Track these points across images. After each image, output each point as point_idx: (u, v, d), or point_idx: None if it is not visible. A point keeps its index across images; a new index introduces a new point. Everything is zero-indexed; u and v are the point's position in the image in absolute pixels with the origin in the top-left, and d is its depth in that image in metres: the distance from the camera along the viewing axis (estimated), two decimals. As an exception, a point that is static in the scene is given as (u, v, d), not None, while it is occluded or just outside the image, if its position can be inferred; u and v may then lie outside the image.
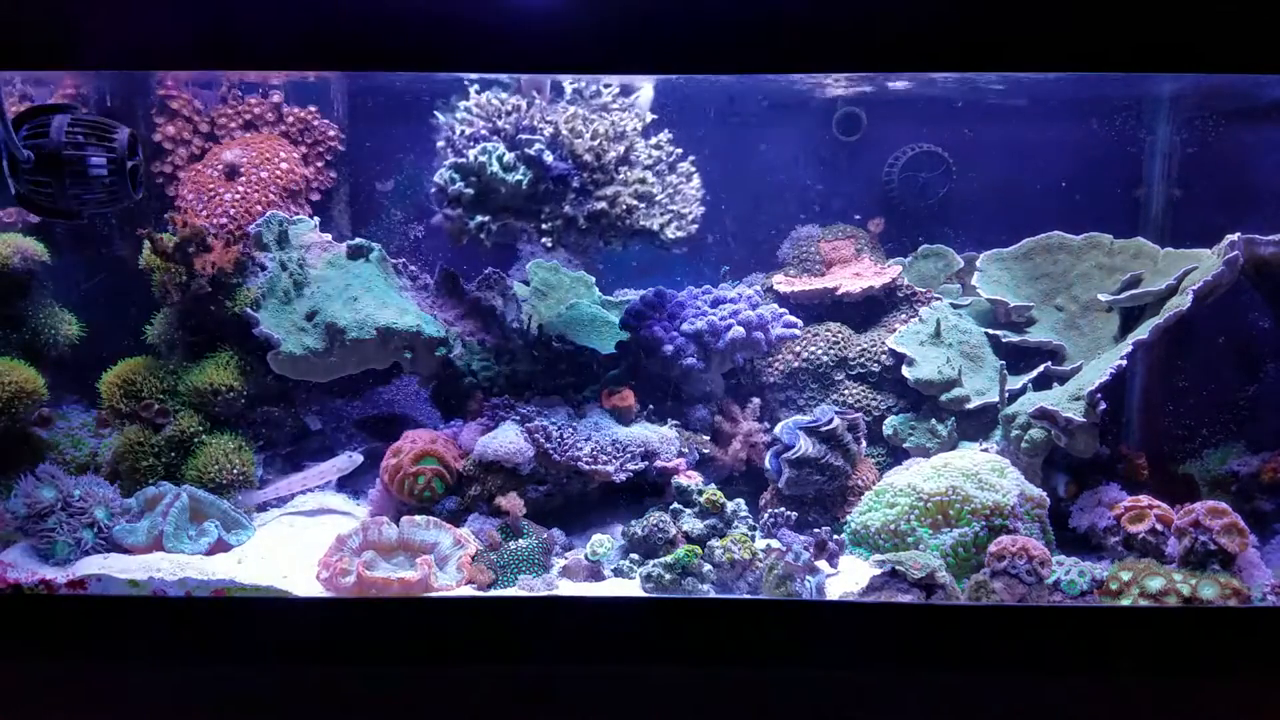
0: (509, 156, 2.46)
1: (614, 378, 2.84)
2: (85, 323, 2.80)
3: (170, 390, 2.66)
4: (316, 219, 2.97)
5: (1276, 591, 2.05)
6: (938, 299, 3.06)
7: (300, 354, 2.65)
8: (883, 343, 2.96)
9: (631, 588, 2.23)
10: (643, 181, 2.51)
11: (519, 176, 2.44)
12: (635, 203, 2.49)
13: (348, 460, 2.67)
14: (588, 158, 2.46)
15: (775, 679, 1.97)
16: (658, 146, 2.63)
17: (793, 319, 2.92)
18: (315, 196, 3.07)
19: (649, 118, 2.63)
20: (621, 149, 2.52)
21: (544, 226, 2.48)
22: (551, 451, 2.48)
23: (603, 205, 2.46)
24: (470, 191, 2.47)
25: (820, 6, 1.77)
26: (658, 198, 2.55)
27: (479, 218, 2.46)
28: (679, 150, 2.66)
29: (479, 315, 2.85)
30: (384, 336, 2.66)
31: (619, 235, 2.51)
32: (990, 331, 2.97)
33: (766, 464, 2.63)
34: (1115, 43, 1.77)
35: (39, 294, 2.75)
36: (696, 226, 2.63)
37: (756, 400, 2.83)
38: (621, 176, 2.49)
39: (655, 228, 2.53)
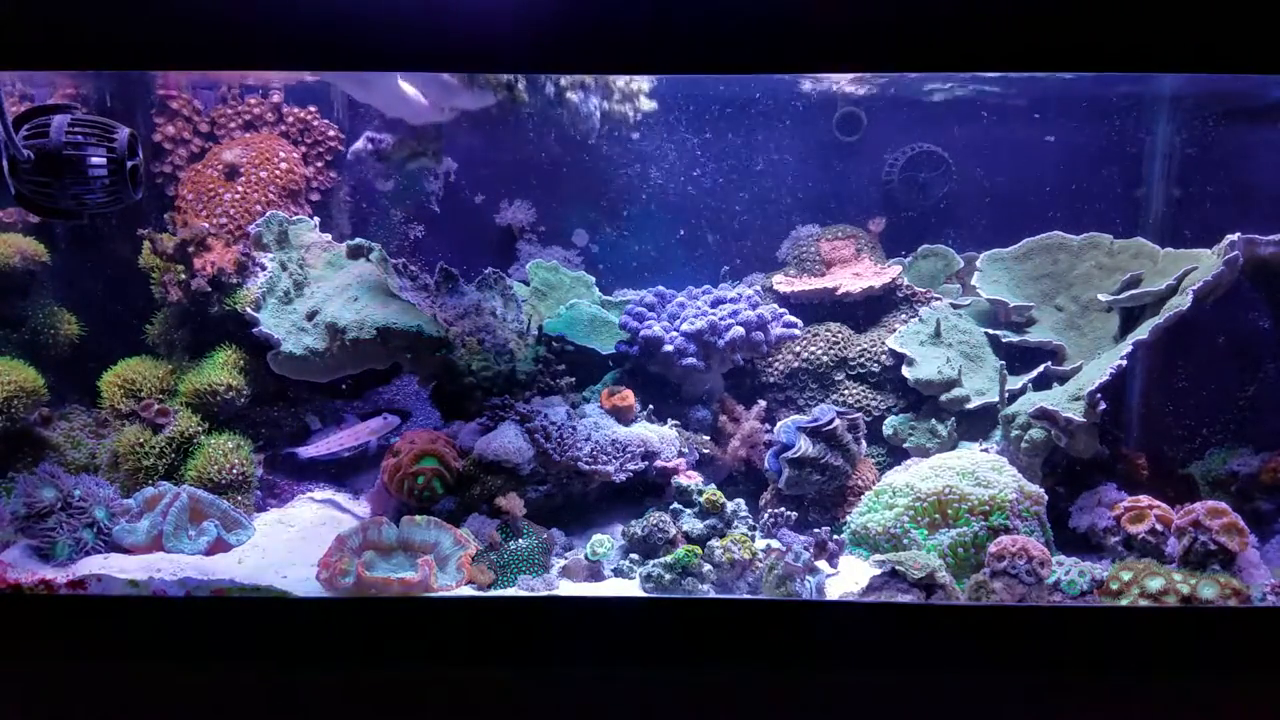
0: None
1: (614, 378, 2.84)
2: (85, 323, 2.80)
3: (170, 390, 2.66)
4: (316, 219, 2.97)
5: (1276, 591, 2.05)
6: (938, 299, 3.06)
7: (300, 354, 2.65)
8: (883, 343, 2.96)
9: (631, 588, 2.23)
10: None
11: None
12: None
13: (383, 422, 2.69)
14: None
15: (775, 679, 1.97)
16: None
17: (793, 319, 2.92)
18: (315, 196, 3.06)
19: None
20: None
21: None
22: (551, 451, 2.48)
23: None
24: None
25: (809, 6, 1.76)
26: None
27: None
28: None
29: (479, 315, 2.86)
30: (384, 336, 2.66)
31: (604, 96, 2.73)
32: (990, 331, 2.96)
33: (766, 464, 2.63)
34: (1115, 43, 1.77)
35: (39, 294, 2.75)
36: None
37: (762, 402, 2.83)
38: None
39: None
